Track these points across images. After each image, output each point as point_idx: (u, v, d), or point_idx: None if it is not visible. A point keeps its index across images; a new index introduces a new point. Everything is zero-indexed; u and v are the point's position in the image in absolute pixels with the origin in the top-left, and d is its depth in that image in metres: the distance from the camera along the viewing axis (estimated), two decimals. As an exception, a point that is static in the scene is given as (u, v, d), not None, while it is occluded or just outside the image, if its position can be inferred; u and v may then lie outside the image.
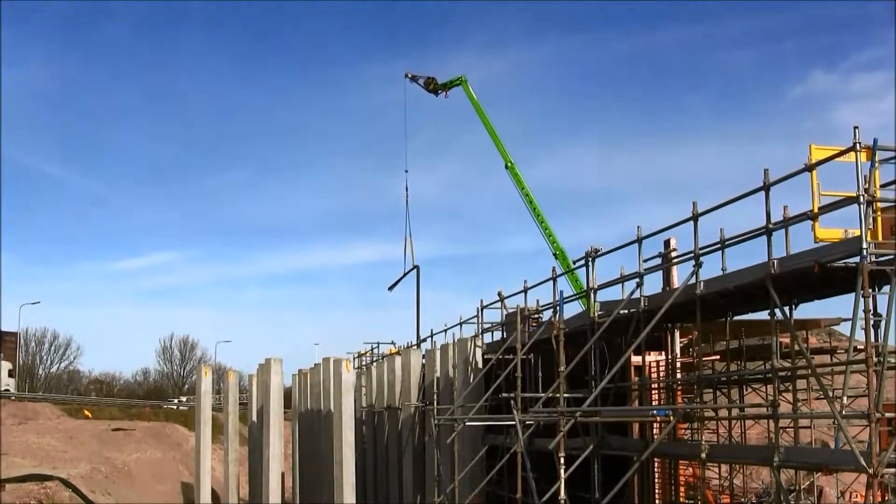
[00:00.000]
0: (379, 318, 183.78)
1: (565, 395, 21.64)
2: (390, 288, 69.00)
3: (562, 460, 20.76)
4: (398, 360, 42.47)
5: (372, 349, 56.49)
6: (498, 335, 32.83)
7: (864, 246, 13.96)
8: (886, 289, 14.60)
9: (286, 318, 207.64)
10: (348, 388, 41.28)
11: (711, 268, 18.77)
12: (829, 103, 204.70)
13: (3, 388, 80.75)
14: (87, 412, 78.96)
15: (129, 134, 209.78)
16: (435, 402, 33.10)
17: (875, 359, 13.97)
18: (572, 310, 26.88)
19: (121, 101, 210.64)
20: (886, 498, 22.29)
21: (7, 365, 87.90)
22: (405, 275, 65.53)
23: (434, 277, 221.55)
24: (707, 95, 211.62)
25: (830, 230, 15.64)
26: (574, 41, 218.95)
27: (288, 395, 57.67)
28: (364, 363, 56.96)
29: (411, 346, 45.70)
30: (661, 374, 23.71)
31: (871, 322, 14.48)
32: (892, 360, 18.05)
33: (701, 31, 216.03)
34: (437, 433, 32.07)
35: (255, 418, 51.41)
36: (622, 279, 22.11)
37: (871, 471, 13.33)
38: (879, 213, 14.78)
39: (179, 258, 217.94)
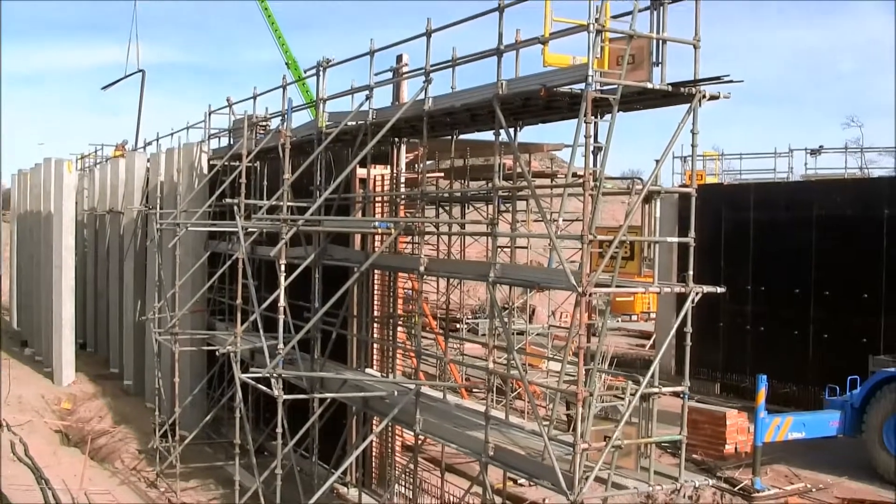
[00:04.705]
0: (110, 123, 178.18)
1: (289, 203, 21.48)
2: (104, 87, 67.95)
3: (283, 268, 20.70)
4: (122, 162, 41.30)
5: (96, 151, 54.76)
6: (226, 142, 32.24)
7: (590, 74, 14.13)
8: (608, 117, 14.93)
9: (10, 119, 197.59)
10: (69, 190, 40.04)
11: (444, 88, 18.84)
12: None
13: None
14: None
15: None
16: (158, 206, 32.36)
17: (592, 184, 14.33)
18: (301, 120, 26.61)
19: None
20: (593, 317, 23.47)
21: None
22: (126, 77, 63.94)
23: (171, 85, 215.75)
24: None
25: (559, 56, 15.80)
26: None
27: (8, 197, 55.66)
28: (88, 165, 55.22)
29: (136, 150, 44.48)
30: (386, 188, 23.82)
31: (592, 148, 14.80)
32: (608, 186, 18.66)
33: None
34: (159, 238, 31.43)
35: (-30, 220, 49.34)
36: (352, 91, 21.90)
37: (580, 290, 13.78)
38: (608, 43, 14.97)
39: None
